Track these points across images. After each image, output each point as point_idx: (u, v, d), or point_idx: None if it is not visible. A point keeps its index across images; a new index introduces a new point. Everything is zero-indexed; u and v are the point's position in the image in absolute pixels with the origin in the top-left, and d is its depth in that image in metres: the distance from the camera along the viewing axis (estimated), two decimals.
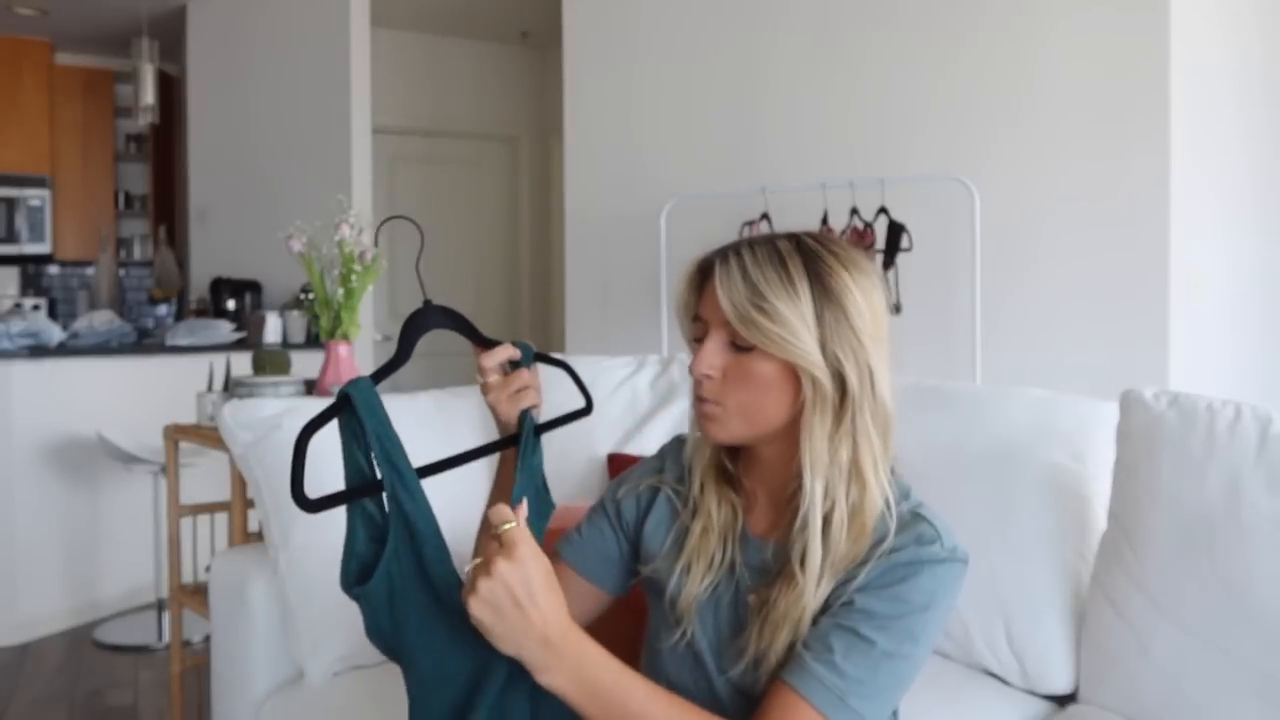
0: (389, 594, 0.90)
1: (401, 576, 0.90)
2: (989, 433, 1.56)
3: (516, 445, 1.07)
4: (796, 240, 0.96)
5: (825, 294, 0.92)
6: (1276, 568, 1.23)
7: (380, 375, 0.99)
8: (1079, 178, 2.71)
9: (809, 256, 0.94)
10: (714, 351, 0.95)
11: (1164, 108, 2.56)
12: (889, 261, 2.86)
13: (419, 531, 0.90)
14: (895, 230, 2.86)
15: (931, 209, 2.91)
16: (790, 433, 0.97)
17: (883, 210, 2.88)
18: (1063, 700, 1.49)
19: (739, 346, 0.95)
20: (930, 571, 0.92)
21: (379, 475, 0.92)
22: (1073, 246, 2.72)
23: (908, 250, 2.85)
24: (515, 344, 1.11)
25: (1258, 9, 2.93)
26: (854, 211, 2.92)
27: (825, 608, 0.94)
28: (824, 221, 2.97)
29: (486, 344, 1.11)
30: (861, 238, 2.90)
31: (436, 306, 1.08)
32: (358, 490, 0.91)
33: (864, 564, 0.93)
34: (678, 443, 1.14)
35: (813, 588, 0.92)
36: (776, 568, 0.98)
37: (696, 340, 0.99)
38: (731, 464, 1.06)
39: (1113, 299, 2.65)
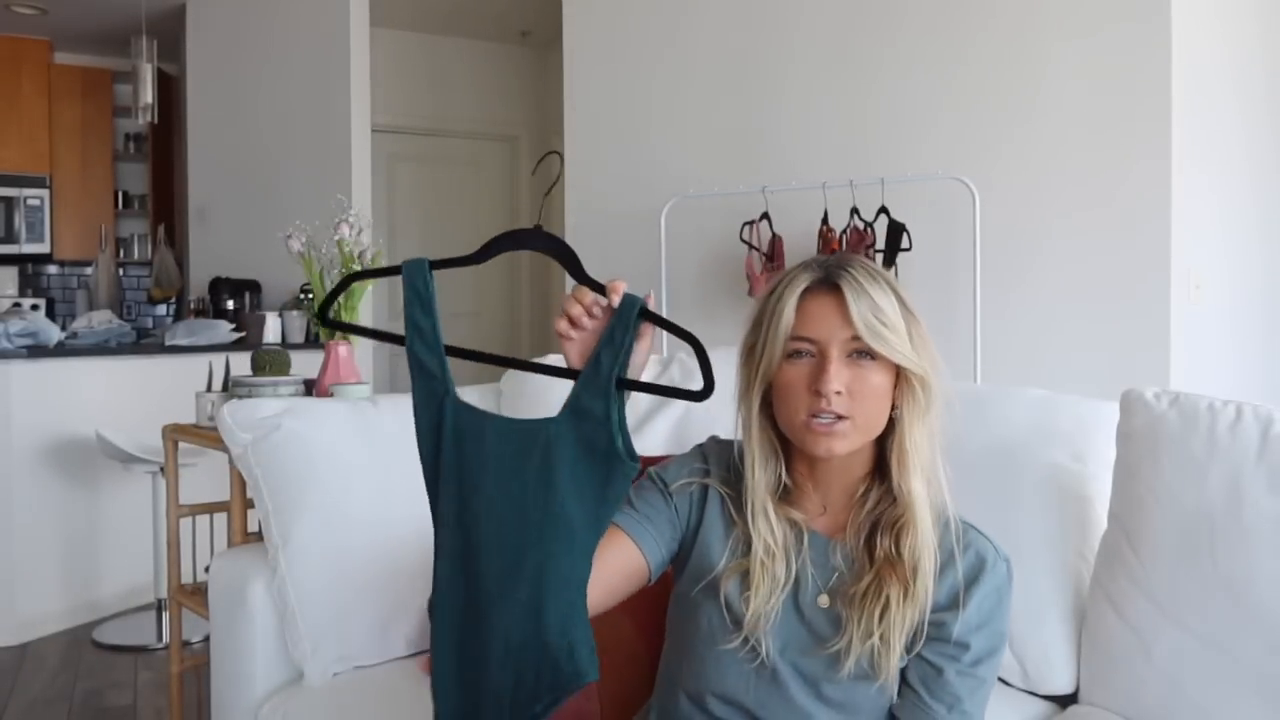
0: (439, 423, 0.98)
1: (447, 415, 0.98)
2: (989, 433, 1.56)
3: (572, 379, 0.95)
4: (859, 259, 1.06)
5: (905, 305, 1.04)
6: (1278, 568, 1.23)
7: (443, 264, 0.99)
8: (1080, 178, 2.71)
9: (881, 274, 1.05)
10: (840, 368, 1.01)
11: (1165, 110, 2.56)
12: (889, 261, 2.85)
13: (431, 374, 0.98)
14: (895, 230, 2.85)
15: (932, 209, 2.91)
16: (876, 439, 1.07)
17: (883, 210, 2.88)
18: (1064, 701, 1.49)
19: (855, 360, 1.02)
20: (1008, 595, 1.06)
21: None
22: (1074, 247, 2.72)
23: (908, 250, 2.85)
24: (626, 295, 0.95)
25: (1258, 14, 2.93)
26: (854, 211, 2.91)
27: (919, 628, 1.03)
28: (824, 221, 2.97)
29: (590, 284, 0.97)
30: (861, 238, 2.90)
31: (543, 232, 1.01)
32: (375, 332, 1.09)
33: (942, 570, 1.03)
34: (717, 443, 1.15)
35: (920, 590, 1.01)
36: (855, 568, 1.05)
37: (788, 357, 1.03)
38: (789, 477, 1.09)
39: (1114, 299, 2.65)
